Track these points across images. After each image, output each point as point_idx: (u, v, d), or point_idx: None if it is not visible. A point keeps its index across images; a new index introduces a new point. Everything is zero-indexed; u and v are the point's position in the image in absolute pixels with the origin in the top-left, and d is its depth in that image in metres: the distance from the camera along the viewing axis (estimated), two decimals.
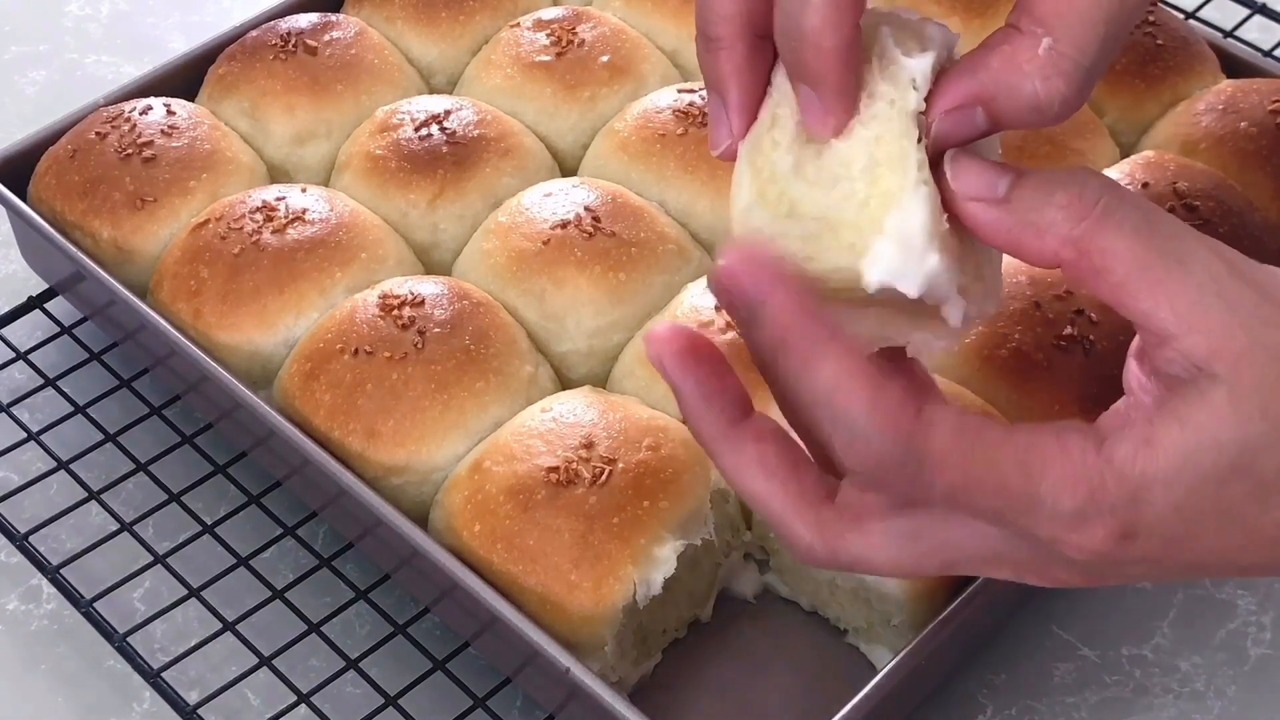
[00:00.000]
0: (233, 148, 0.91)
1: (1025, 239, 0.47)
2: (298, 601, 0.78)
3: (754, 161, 0.51)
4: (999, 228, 0.47)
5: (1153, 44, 0.95)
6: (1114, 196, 0.46)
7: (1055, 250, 0.47)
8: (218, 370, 0.79)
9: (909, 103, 0.48)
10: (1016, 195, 0.47)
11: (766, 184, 0.50)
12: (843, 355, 0.46)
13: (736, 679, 0.76)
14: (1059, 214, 0.46)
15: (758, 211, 0.50)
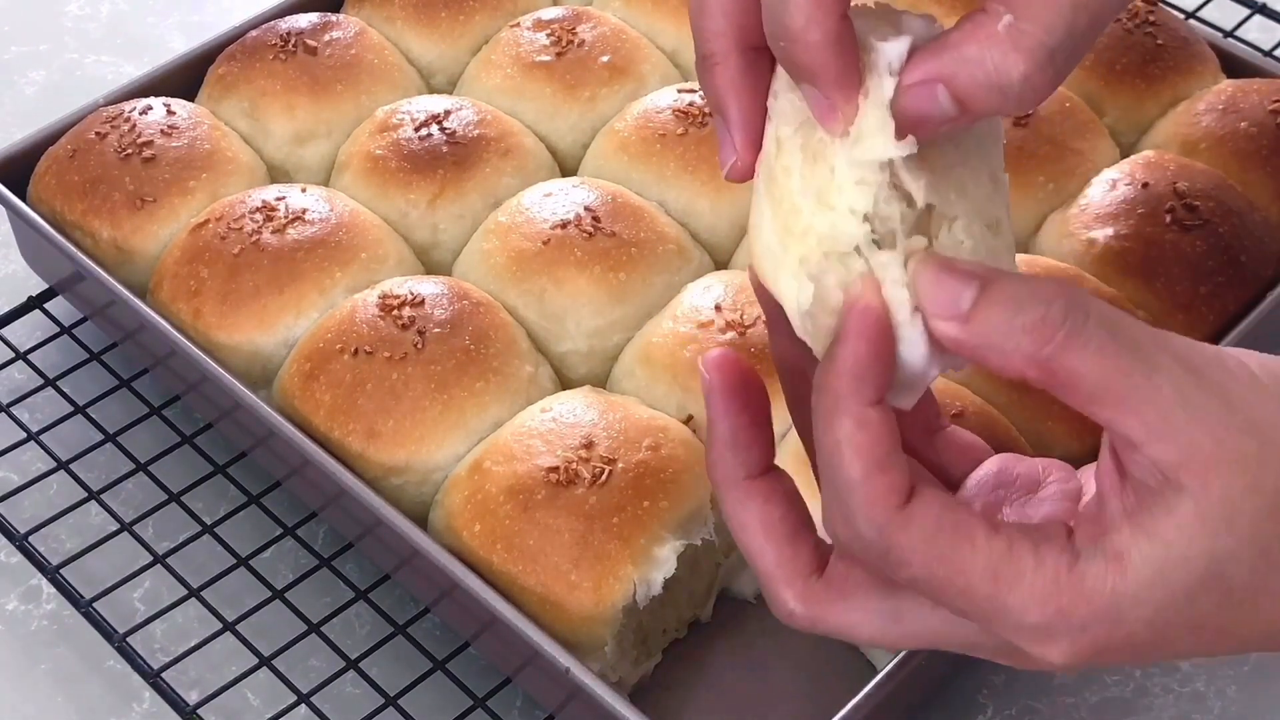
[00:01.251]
0: (233, 148, 0.91)
1: (990, 358, 0.47)
2: (298, 601, 0.78)
3: (772, 193, 0.50)
4: (963, 346, 0.47)
5: (1153, 44, 0.95)
6: (1078, 317, 0.46)
7: (1020, 369, 0.47)
8: (218, 370, 0.79)
9: (885, 90, 0.47)
10: (981, 315, 0.47)
11: (789, 217, 0.50)
12: (863, 425, 0.47)
13: (736, 679, 0.76)
14: (1024, 338, 0.46)
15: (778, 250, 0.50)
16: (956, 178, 0.50)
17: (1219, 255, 0.83)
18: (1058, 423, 0.76)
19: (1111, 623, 0.47)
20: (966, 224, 0.49)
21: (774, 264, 0.50)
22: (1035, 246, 0.87)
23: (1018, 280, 0.47)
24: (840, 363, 0.47)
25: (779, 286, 0.50)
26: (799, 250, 0.49)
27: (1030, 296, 0.46)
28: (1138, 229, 0.83)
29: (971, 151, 0.51)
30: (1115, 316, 0.47)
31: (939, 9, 0.99)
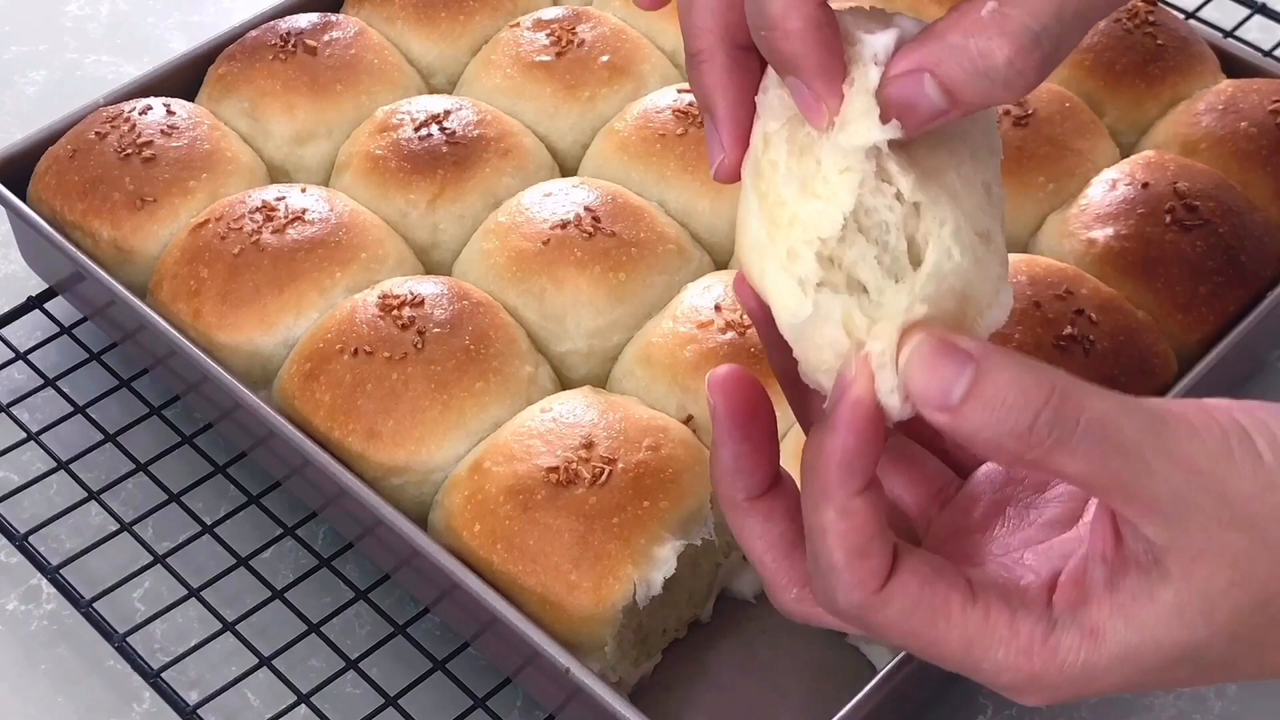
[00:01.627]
0: (233, 148, 0.91)
1: (980, 449, 0.47)
2: (298, 601, 0.78)
3: (758, 187, 0.50)
4: (954, 435, 0.47)
5: (1153, 44, 0.95)
6: (1066, 427, 0.46)
7: (1003, 463, 0.49)
8: (218, 370, 0.79)
9: (870, 79, 0.47)
10: (968, 413, 0.46)
11: (775, 209, 0.49)
12: (847, 514, 0.48)
13: (736, 679, 0.76)
14: (1010, 441, 0.46)
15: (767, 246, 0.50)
16: (948, 182, 0.49)
17: (1219, 255, 0.83)
18: None
19: (1083, 686, 0.49)
20: (955, 229, 0.48)
21: (760, 257, 0.50)
22: (1035, 246, 0.87)
23: (1008, 375, 0.46)
24: (829, 453, 0.48)
25: (765, 281, 0.50)
26: (786, 242, 0.49)
27: (1020, 400, 0.46)
28: (1138, 229, 0.83)
29: (965, 158, 0.51)
30: (1107, 418, 0.46)
31: (938, 9, 0.99)
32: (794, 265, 0.49)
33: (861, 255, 0.49)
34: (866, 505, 0.48)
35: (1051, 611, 0.49)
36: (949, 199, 0.49)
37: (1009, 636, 0.49)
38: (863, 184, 0.48)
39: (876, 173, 0.48)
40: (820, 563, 0.49)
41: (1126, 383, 0.77)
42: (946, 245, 0.48)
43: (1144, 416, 0.47)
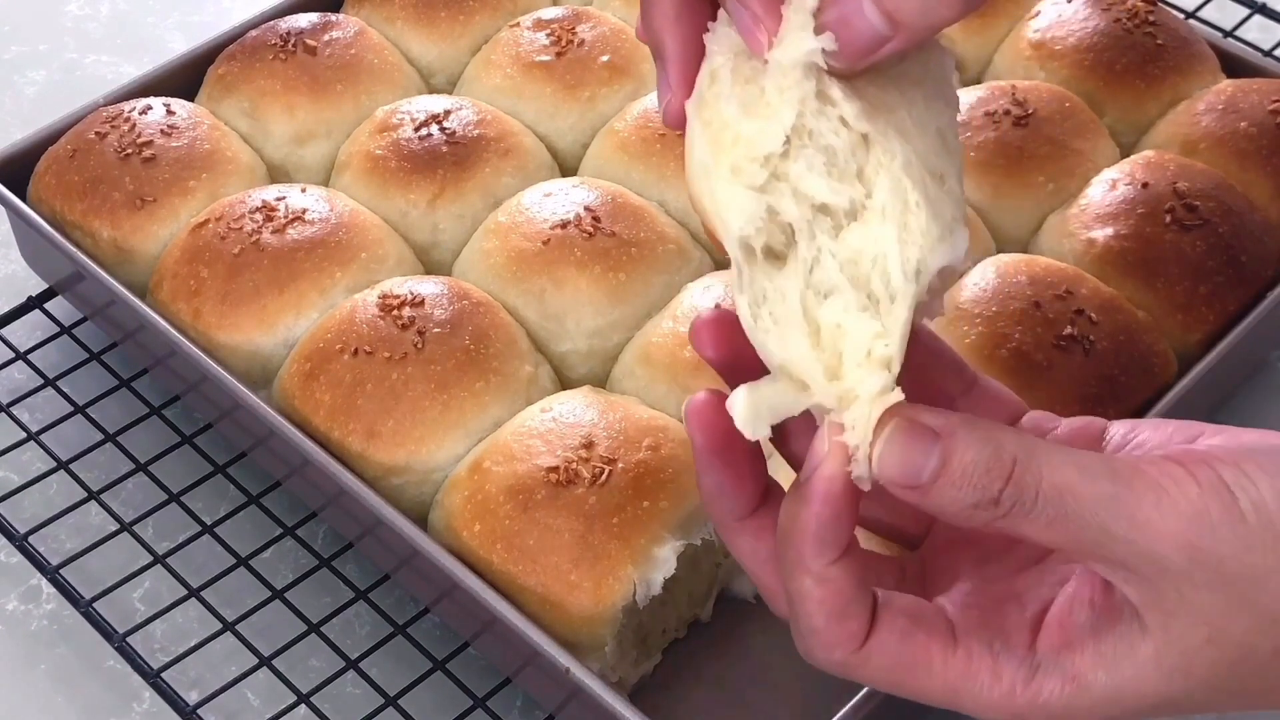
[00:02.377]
0: (233, 148, 0.91)
1: (945, 519, 0.49)
2: (298, 601, 0.78)
3: (702, 116, 0.51)
4: (925, 509, 0.49)
5: (1153, 44, 0.95)
6: (1028, 497, 0.47)
7: (974, 530, 0.50)
8: (218, 370, 0.79)
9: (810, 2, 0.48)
10: (936, 492, 0.48)
11: (718, 133, 0.50)
12: (823, 581, 0.50)
13: (736, 679, 0.75)
14: (978, 512, 0.48)
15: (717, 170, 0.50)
16: (898, 120, 0.49)
17: (1219, 255, 0.83)
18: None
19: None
20: (906, 163, 0.48)
21: (705, 176, 0.51)
22: (1035, 246, 0.87)
23: (973, 454, 0.48)
24: (803, 524, 0.49)
25: (715, 199, 0.50)
26: (729, 160, 0.50)
27: (983, 478, 0.47)
28: (1138, 229, 0.83)
29: (917, 101, 0.51)
30: (1065, 487, 0.47)
31: None
32: (739, 178, 0.50)
33: (809, 166, 0.49)
34: (842, 572, 0.50)
35: (1034, 655, 0.50)
36: (898, 134, 0.49)
37: (991, 681, 0.50)
38: (804, 103, 0.49)
39: (818, 94, 0.49)
40: (800, 624, 0.51)
41: (1126, 382, 0.77)
42: (897, 176, 0.48)
43: (1107, 482, 0.48)
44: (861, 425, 0.49)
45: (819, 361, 0.50)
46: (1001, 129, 0.88)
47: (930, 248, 0.48)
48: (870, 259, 0.49)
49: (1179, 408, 0.78)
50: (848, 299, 0.49)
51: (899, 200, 0.48)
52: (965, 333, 0.79)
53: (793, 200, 0.49)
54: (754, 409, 0.50)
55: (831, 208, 0.49)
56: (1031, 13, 0.98)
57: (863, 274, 0.49)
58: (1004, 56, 0.98)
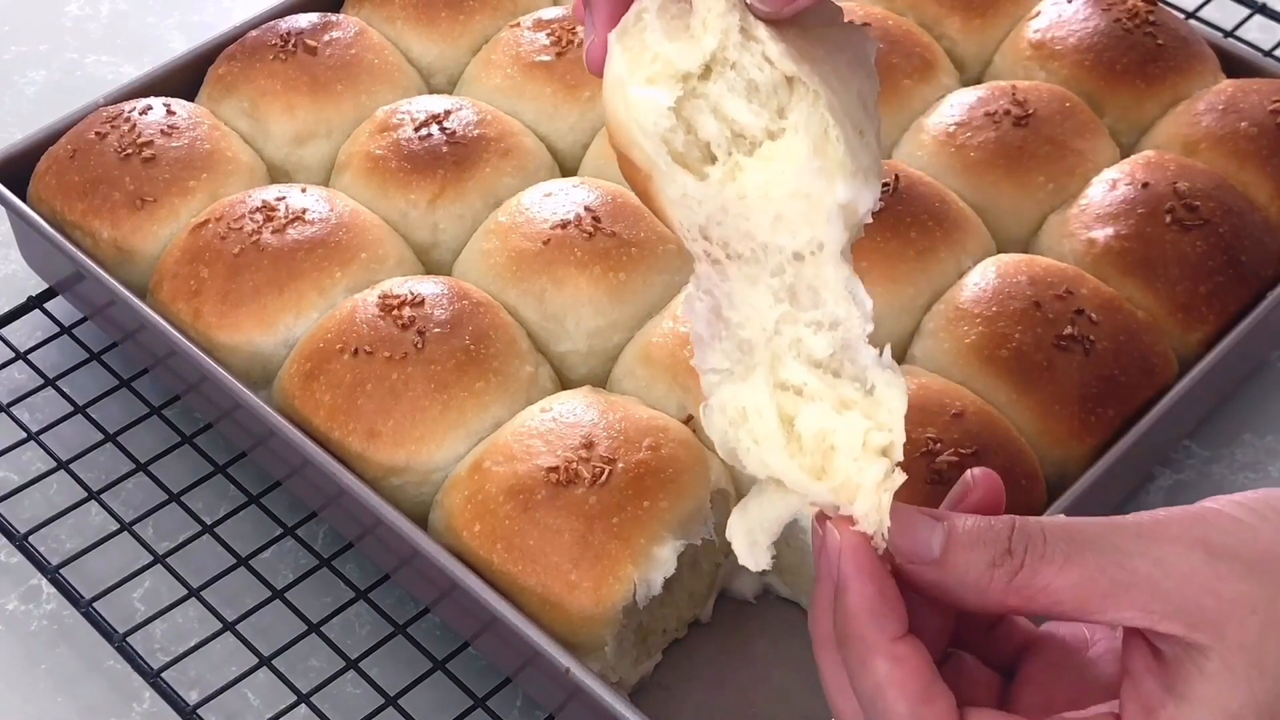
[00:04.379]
0: (233, 148, 0.91)
1: (969, 596, 0.49)
2: (298, 601, 0.78)
3: (623, 43, 0.51)
4: (942, 590, 0.50)
5: (1153, 44, 0.95)
6: (1036, 539, 0.49)
7: (1000, 602, 0.49)
8: (218, 370, 0.79)
9: None
10: (950, 559, 0.49)
11: (638, 54, 0.51)
12: (898, 661, 0.49)
13: (736, 679, 0.76)
14: (994, 572, 0.49)
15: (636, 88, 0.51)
16: (821, 73, 0.50)
17: (1219, 255, 0.83)
18: (1057, 422, 0.76)
19: None
20: (830, 106, 0.49)
21: (619, 88, 0.51)
22: (1035, 246, 0.87)
23: (973, 521, 0.49)
24: (854, 607, 0.49)
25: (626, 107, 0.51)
26: (646, 74, 0.51)
27: (988, 531, 0.49)
28: (1138, 229, 0.83)
29: (840, 63, 0.52)
30: (1069, 526, 0.49)
31: (938, 8, 0.99)
32: (655, 89, 0.50)
33: (730, 87, 0.50)
34: (914, 649, 0.49)
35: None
36: (822, 84, 0.50)
37: None
38: (727, 35, 0.50)
39: (743, 32, 0.50)
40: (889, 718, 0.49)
41: (1126, 382, 0.77)
42: (820, 111, 0.49)
43: (1101, 520, 0.49)
44: (874, 513, 0.50)
45: (804, 467, 0.51)
46: (1001, 129, 0.88)
47: (845, 179, 0.49)
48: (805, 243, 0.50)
49: (1179, 408, 0.78)
50: (824, 405, 0.51)
51: (819, 128, 0.49)
52: (965, 333, 0.79)
53: (712, 118, 0.50)
54: (750, 536, 0.53)
55: (749, 134, 0.50)
56: (1031, 13, 0.98)
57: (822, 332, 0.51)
58: (1004, 56, 0.98)
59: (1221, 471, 0.86)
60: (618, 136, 0.52)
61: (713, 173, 0.51)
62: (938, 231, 0.83)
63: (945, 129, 0.90)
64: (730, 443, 0.53)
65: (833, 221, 0.50)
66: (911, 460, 0.71)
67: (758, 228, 0.51)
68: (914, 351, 0.81)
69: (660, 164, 0.51)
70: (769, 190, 0.50)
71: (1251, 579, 0.48)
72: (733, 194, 0.51)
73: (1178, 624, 0.48)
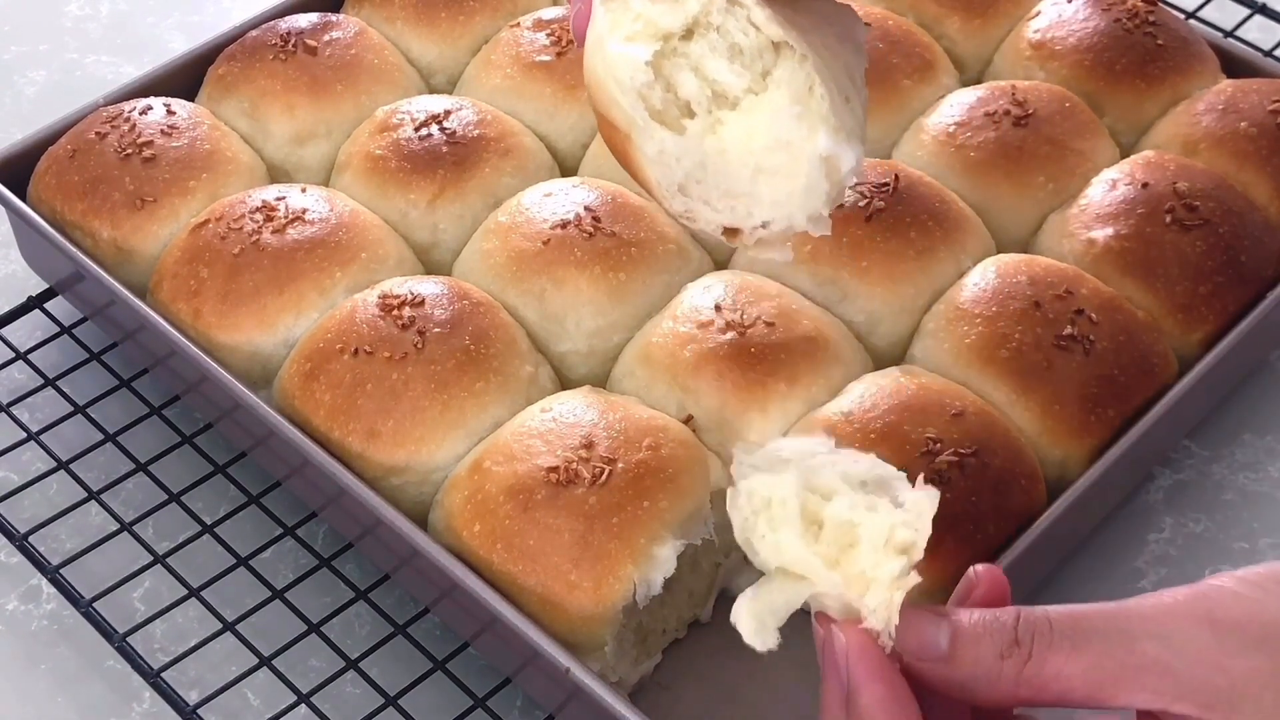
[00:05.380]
0: (233, 148, 0.91)
1: (980, 690, 0.50)
2: (298, 601, 0.78)
3: (607, 4, 0.52)
4: (952, 685, 0.50)
5: (1153, 44, 0.95)
6: (1042, 627, 0.49)
7: (1011, 694, 0.49)
8: (218, 370, 0.79)
9: None
10: (959, 653, 0.50)
11: (620, 14, 0.51)
12: None
13: (736, 679, 0.76)
14: (1003, 664, 0.49)
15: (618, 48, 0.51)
16: (808, 40, 0.51)
17: (1219, 255, 0.83)
18: (1057, 422, 0.76)
19: None
20: (818, 68, 0.50)
21: (599, 47, 0.51)
22: (1035, 246, 0.87)
23: (978, 615, 0.50)
24: (868, 711, 0.49)
25: (605, 63, 0.51)
26: (626, 32, 0.51)
27: (994, 623, 0.49)
28: (1138, 229, 0.83)
29: (828, 35, 0.52)
30: (1074, 613, 0.49)
31: (938, 8, 0.99)
32: (633, 45, 0.51)
33: (711, 48, 0.50)
34: None
35: None
36: (809, 47, 0.50)
37: None
38: (711, 0, 0.50)
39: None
40: None
41: (1126, 382, 0.77)
42: (808, 72, 0.49)
43: (1105, 605, 0.50)
44: (883, 610, 0.51)
45: (819, 555, 0.52)
46: (1001, 129, 0.88)
47: (829, 131, 0.49)
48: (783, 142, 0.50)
49: (1179, 407, 0.78)
50: (855, 500, 0.51)
51: (803, 84, 0.50)
52: (965, 333, 0.79)
53: (692, 76, 0.51)
54: (758, 619, 0.53)
55: (730, 93, 0.51)
56: (1031, 13, 0.98)
57: None
58: (1004, 56, 0.98)
59: (1221, 471, 0.86)
60: (597, 96, 0.52)
61: (691, 126, 0.51)
62: (938, 231, 0.83)
63: (945, 129, 0.90)
64: (748, 528, 0.53)
65: (814, 172, 0.50)
66: (912, 460, 0.71)
67: (737, 181, 0.51)
68: (914, 351, 0.81)
69: (638, 119, 0.51)
70: (750, 141, 0.50)
71: (1260, 654, 0.48)
72: (712, 148, 0.51)
73: (1190, 704, 0.48)
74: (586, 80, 0.52)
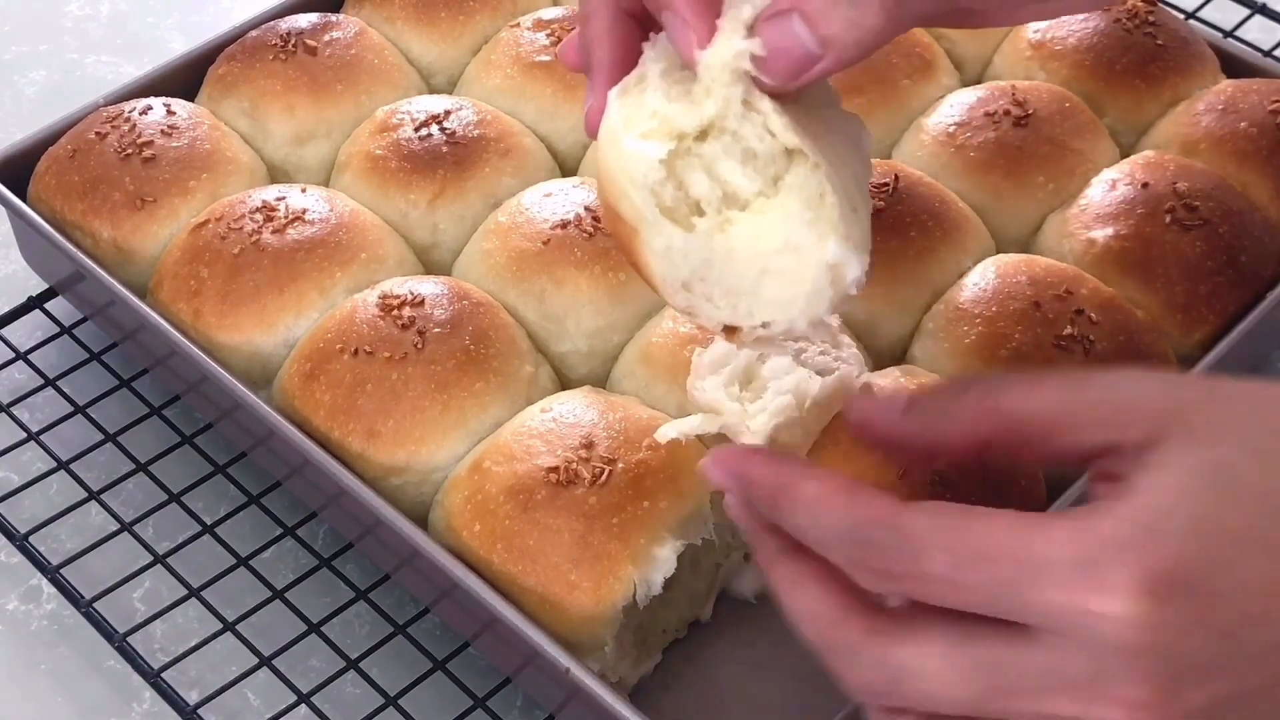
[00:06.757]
0: (233, 148, 0.91)
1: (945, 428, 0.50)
2: (298, 601, 0.78)
3: (622, 99, 0.52)
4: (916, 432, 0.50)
5: (1153, 44, 0.95)
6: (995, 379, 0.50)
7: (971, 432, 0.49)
8: (218, 370, 0.79)
9: (743, 13, 0.50)
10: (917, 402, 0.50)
11: (636, 111, 0.51)
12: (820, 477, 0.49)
13: (736, 679, 0.76)
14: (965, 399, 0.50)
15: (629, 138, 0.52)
16: (821, 149, 0.51)
17: (1219, 255, 0.83)
18: None
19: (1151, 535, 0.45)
20: (829, 174, 0.50)
21: (613, 140, 0.52)
22: (1035, 246, 0.87)
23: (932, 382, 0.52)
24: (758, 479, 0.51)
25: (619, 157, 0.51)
26: (642, 129, 0.51)
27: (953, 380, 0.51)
28: (1138, 229, 0.83)
29: (837, 144, 0.53)
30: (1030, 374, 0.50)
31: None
32: (648, 142, 0.51)
33: (725, 150, 0.51)
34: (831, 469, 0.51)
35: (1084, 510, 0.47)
36: (822, 156, 0.51)
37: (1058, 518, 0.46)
38: (728, 104, 0.50)
39: (745, 103, 0.50)
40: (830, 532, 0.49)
41: None
42: (820, 179, 0.50)
43: None
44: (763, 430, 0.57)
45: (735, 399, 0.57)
46: (1001, 129, 0.88)
47: (838, 239, 0.50)
48: None
49: None
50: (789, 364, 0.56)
51: (814, 190, 0.50)
52: (965, 333, 0.79)
53: (704, 176, 0.51)
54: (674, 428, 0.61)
55: (741, 195, 0.51)
56: None
57: None
58: (1004, 56, 0.98)
59: None
60: (608, 189, 0.52)
61: (700, 224, 0.51)
62: (937, 231, 0.83)
63: (945, 129, 0.90)
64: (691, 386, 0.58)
65: (820, 278, 0.50)
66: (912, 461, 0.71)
67: (742, 281, 0.51)
68: (914, 351, 0.81)
69: (648, 214, 0.51)
70: (758, 243, 0.51)
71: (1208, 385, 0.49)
72: (720, 247, 0.51)
73: (1140, 431, 0.47)
74: (599, 173, 0.53)
